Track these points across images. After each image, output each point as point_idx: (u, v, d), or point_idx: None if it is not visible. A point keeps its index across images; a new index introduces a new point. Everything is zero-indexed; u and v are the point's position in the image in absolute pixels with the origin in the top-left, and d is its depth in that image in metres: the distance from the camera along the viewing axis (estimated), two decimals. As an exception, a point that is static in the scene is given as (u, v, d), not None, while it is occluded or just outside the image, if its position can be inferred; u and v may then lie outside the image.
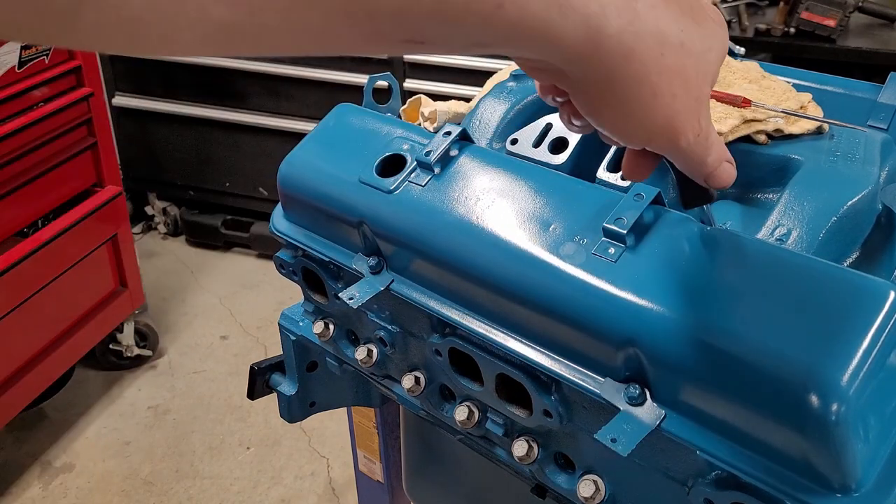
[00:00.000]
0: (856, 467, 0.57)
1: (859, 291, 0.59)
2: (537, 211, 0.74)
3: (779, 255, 0.64)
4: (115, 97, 2.84)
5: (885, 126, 0.90)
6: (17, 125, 1.82)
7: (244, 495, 2.03)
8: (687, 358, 0.62)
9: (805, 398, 0.56)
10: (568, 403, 0.75)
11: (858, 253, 0.78)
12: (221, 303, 2.76)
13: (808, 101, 0.91)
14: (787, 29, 2.29)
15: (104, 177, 2.14)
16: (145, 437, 2.20)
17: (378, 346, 0.92)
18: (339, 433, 2.20)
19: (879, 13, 2.38)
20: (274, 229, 0.97)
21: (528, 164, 0.82)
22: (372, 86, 0.99)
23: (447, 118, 1.06)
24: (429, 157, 0.81)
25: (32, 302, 1.91)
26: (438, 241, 0.77)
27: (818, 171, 0.79)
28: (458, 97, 1.51)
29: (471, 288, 0.76)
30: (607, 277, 0.67)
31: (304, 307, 1.04)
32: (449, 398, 0.89)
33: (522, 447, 0.80)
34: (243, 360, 2.49)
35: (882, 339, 0.57)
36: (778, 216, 0.75)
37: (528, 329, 0.73)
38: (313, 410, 1.11)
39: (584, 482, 0.77)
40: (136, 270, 2.28)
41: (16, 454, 2.13)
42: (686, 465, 0.68)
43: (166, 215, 3.12)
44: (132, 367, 2.42)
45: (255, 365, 1.09)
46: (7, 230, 1.88)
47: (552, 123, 0.89)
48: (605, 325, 0.66)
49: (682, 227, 0.69)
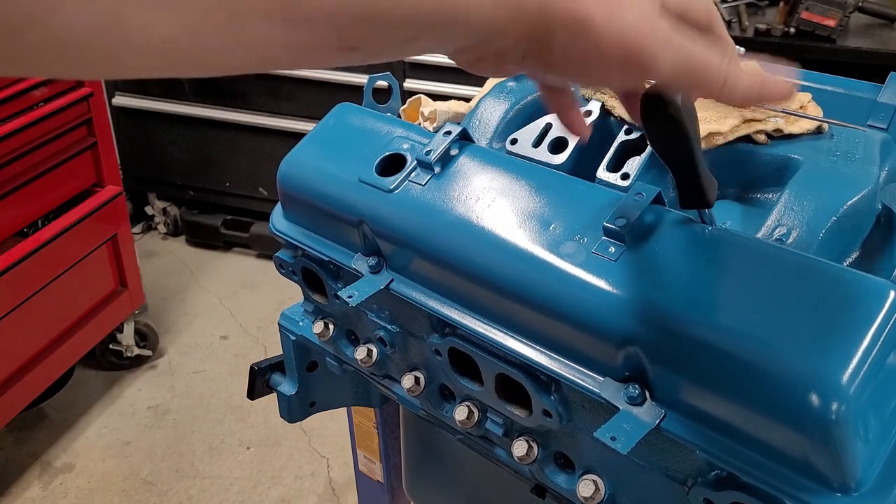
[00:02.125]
0: (856, 467, 0.57)
1: (859, 291, 0.59)
2: (537, 210, 0.74)
3: (778, 255, 0.64)
4: (115, 97, 2.84)
5: (885, 126, 0.90)
6: (17, 125, 1.82)
7: (244, 495, 2.03)
8: (686, 357, 0.62)
9: (805, 397, 0.56)
10: (567, 403, 0.75)
11: (858, 253, 0.78)
12: (221, 303, 2.76)
13: (807, 100, 0.91)
14: (787, 29, 2.29)
15: (104, 177, 2.14)
16: (145, 437, 2.20)
17: (378, 345, 0.92)
18: (339, 433, 2.20)
19: (879, 13, 2.38)
20: (274, 229, 0.97)
21: (527, 163, 0.82)
22: (372, 86, 0.99)
23: (447, 118, 1.06)
24: (429, 157, 0.81)
25: (32, 302, 1.91)
26: (438, 241, 0.77)
27: (818, 170, 0.79)
28: (458, 97, 1.51)
29: (471, 287, 0.76)
30: (607, 277, 0.67)
31: (304, 307, 1.04)
32: (449, 398, 0.89)
33: (522, 447, 0.80)
34: (243, 360, 2.49)
35: (882, 338, 0.57)
36: (778, 216, 0.75)
37: (528, 328, 0.73)
38: (313, 410, 1.11)
39: (583, 482, 0.77)
40: (136, 270, 2.28)
41: (16, 454, 2.13)
42: (685, 465, 0.68)
43: (166, 215, 3.12)
44: (132, 367, 2.42)
45: (255, 365, 1.09)
46: (7, 230, 1.88)
47: (552, 123, 0.89)
48: (604, 324, 0.66)
49: (682, 226, 0.68)
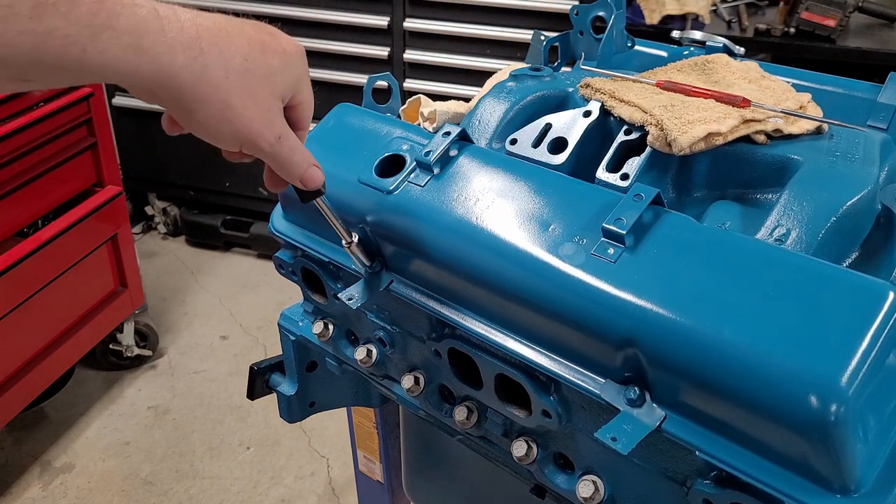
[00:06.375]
0: (855, 468, 0.57)
1: (858, 292, 0.59)
2: (537, 211, 0.74)
3: (778, 256, 0.64)
4: (115, 97, 2.84)
5: (885, 126, 0.90)
6: (17, 125, 1.82)
7: (244, 495, 2.03)
8: (686, 358, 0.62)
9: (804, 398, 0.56)
10: (567, 404, 0.75)
11: (858, 253, 0.78)
12: (221, 303, 2.76)
13: (807, 101, 0.91)
14: (787, 29, 2.29)
15: (104, 177, 2.14)
16: (145, 437, 2.20)
17: (377, 346, 0.92)
18: (339, 433, 2.20)
19: (879, 13, 2.38)
20: (273, 229, 0.96)
21: (527, 164, 0.82)
22: (372, 86, 0.99)
23: (447, 118, 1.06)
24: (428, 158, 0.81)
25: (32, 302, 1.91)
26: (438, 242, 0.77)
27: (817, 171, 0.79)
28: (458, 97, 1.51)
29: (470, 288, 0.76)
30: (606, 278, 0.67)
31: (304, 307, 1.04)
32: (448, 398, 0.89)
33: (521, 447, 0.80)
34: (243, 360, 2.49)
35: (881, 339, 0.57)
36: (777, 216, 0.75)
37: (528, 330, 0.73)
38: (313, 410, 1.11)
39: (583, 482, 0.77)
40: (136, 270, 2.28)
41: (16, 454, 2.13)
42: (685, 466, 0.68)
43: (166, 215, 3.12)
44: (132, 367, 2.42)
45: (254, 365, 1.09)
46: (7, 230, 1.88)
47: (552, 123, 0.89)
48: (604, 325, 0.66)
49: (681, 227, 0.68)
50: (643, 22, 2.22)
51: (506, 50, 2.43)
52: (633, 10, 2.25)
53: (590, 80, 0.96)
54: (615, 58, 1.12)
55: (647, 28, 2.20)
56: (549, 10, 2.33)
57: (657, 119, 0.84)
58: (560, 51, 1.18)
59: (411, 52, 2.52)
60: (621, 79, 0.97)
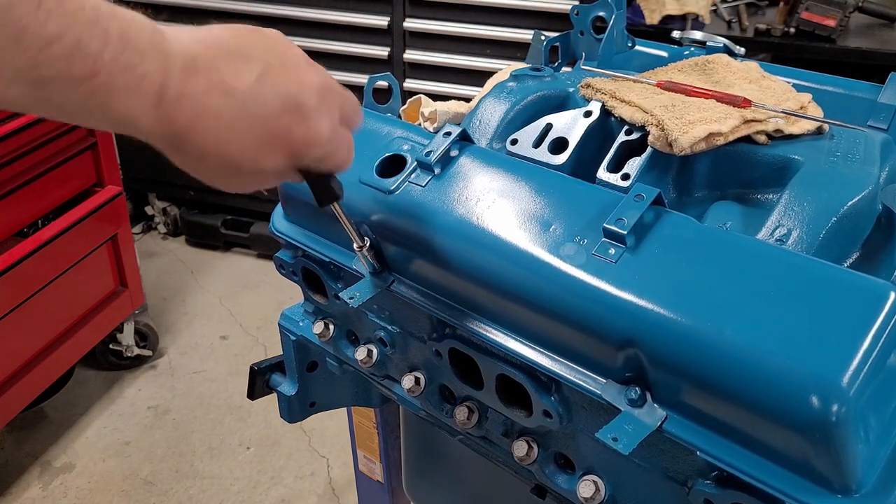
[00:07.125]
0: (856, 468, 0.57)
1: (859, 292, 0.59)
2: (537, 211, 0.74)
3: (779, 256, 0.64)
4: (115, 97, 2.84)
5: (885, 126, 0.90)
6: (18, 125, 1.82)
7: (244, 495, 2.03)
8: (687, 358, 0.62)
9: (805, 399, 0.56)
10: (568, 404, 0.75)
11: (858, 253, 0.78)
12: (221, 303, 2.76)
13: (807, 101, 0.91)
14: (787, 29, 2.29)
15: (104, 177, 2.13)
16: (145, 437, 2.20)
17: (378, 346, 0.92)
18: (339, 433, 2.20)
19: (879, 13, 2.38)
20: (274, 229, 0.96)
21: (528, 164, 0.82)
22: (372, 86, 0.99)
23: (447, 118, 1.06)
24: (429, 158, 0.81)
25: (32, 302, 1.91)
26: (438, 242, 0.77)
27: (818, 171, 0.79)
28: (458, 97, 1.51)
29: (471, 288, 0.76)
30: (608, 278, 0.67)
31: (304, 307, 1.04)
32: (449, 398, 0.89)
33: (522, 447, 0.80)
34: (243, 360, 2.49)
35: (882, 339, 0.57)
36: (778, 216, 0.75)
37: (529, 330, 0.73)
38: (313, 410, 1.11)
39: (583, 482, 0.77)
40: (136, 270, 2.28)
41: (16, 454, 2.13)
42: (686, 466, 0.68)
43: (166, 215, 3.12)
44: (132, 367, 2.42)
45: (255, 365, 1.09)
46: (7, 230, 1.88)
47: (552, 123, 0.89)
48: (605, 325, 0.66)
49: (682, 228, 0.68)
50: (643, 22, 2.22)
51: (506, 50, 2.43)
52: (634, 10, 2.25)
53: (590, 81, 0.96)
54: (616, 58, 1.12)
55: (648, 28, 2.20)
56: (550, 10, 2.33)
57: (658, 119, 0.84)
58: (560, 51, 1.18)
59: (411, 52, 2.52)
60: (622, 79, 0.97)
